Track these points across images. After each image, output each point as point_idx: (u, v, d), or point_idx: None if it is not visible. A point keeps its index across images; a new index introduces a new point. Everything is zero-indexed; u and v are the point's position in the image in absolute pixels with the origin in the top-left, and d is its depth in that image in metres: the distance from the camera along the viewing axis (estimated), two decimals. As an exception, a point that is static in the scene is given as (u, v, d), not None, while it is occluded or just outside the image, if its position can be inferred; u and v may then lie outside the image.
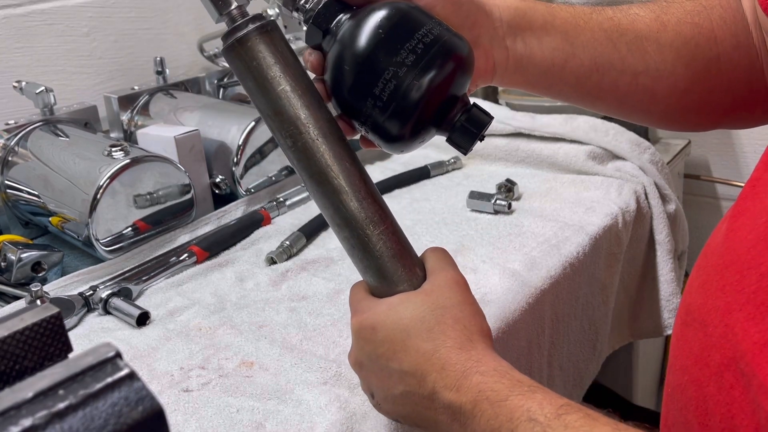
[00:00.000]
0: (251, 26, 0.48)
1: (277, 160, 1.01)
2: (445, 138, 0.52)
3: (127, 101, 1.07)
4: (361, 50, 0.48)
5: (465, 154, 0.52)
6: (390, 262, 0.51)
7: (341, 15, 0.51)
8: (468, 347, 0.48)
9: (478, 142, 0.51)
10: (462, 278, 0.52)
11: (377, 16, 0.49)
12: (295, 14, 0.53)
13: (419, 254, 0.55)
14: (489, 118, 0.50)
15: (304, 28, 0.52)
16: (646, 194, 0.99)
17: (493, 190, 0.96)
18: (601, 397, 1.25)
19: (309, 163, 0.49)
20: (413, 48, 0.48)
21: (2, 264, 0.80)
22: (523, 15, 0.57)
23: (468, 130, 0.50)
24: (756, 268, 0.46)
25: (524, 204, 0.95)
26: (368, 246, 0.50)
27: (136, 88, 1.09)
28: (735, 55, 0.60)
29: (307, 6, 0.52)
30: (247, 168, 0.98)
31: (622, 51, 0.59)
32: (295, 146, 0.49)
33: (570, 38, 0.58)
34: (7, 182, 0.93)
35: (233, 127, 0.97)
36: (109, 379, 0.21)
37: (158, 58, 1.11)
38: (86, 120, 1.01)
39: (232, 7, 0.49)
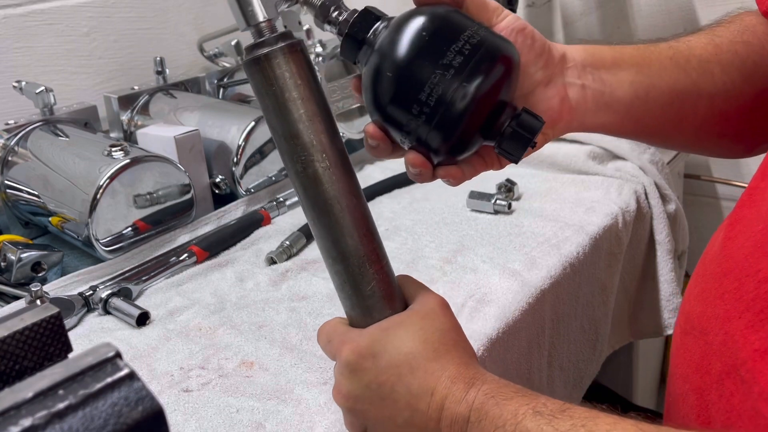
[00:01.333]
0: (281, 43, 0.46)
1: (277, 160, 1.01)
2: (494, 147, 0.48)
3: (127, 101, 1.07)
4: (404, 55, 0.45)
5: (516, 162, 0.48)
6: (380, 302, 0.49)
7: (378, 23, 0.48)
8: (470, 365, 0.48)
9: (530, 149, 0.48)
10: (446, 300, 0.52)
11: (418, 21, 0.46)
12: (328, 27, 0.50)
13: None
14: (540, 122, 0.47)
15: (332, 32, 0.50)
16: (646, 194, 0.99)
17: (493, 190, 0.96)
18: (601, 397, 1.25)
19: (316, 191, 0.48)
20: (460, 49, 0.45)
21: (2, 264, 0.80)
22: (592, 54, 0.55)
23: (520, 135, 0.46)
24: (754, 276, 0.47)
25: (524, 204, 0.95)
26: (361, 284, 0.49)
27: (136, 88, 1.09)
28: None
29: (340, 18, 0.49)
30: (247, 168, 0.98)
31: (692, 76, 0.58)
32: (305, 172, 0.48)
33: (643, 70, 0.57)
34: (7, 182, 0.93)
35: (233, 127, 0.97)
36: (109, 379, 0.21)
37: (158, 58, 1.11)
38: (86, 120, 1.01)
39: (262, 19, 0.47)
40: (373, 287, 0.49)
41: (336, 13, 0.49)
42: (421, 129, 0.46)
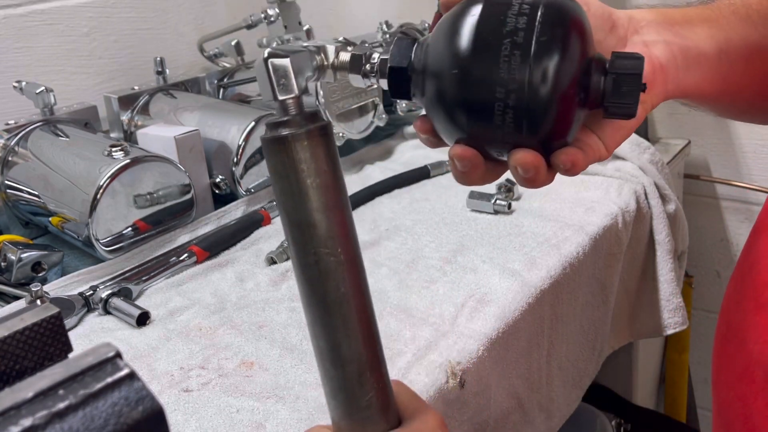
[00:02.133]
0: (309, 125, 0.42)
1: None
2: (602, 115, 0.42)
3: (127, 101, 1.07)
4: (460, 62, 0.40)
5: (633, 116, 0.41)
6: (376, 415, 0.45)
7: (414, 47, 0.44)
8: None
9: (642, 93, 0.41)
10: (443, 418, 0.48)
11: (456, 21, 0.41)
12: (370, 80, 0.46)
13: None
14: (638, 57, 0.40)
15: (381, 86, 0.45)
16: (646, 194, 0.99)
17: (493, 190, 0.96)
18: (601, 397, 1.25)
19: (325, 288, 0.43)
20: (515, 28, 0.39)
21: (2, 264, 0.80)
22: (662, 13, 0.50)
23: (624, 81, 0.40)
24: None
25: (524, 204, 0.95)
26: (359, 393, 0.44)
27: (136, 88, 1.09)
28: None
29: (376, 61, 0.45)
30: (247, 168, 0.98)
31: (760, 30, 0.54)
32: (317, 266, 0.43)
33: (714, 25, 0.52)
34: (7, 182, 0.93)
35: (233, 127, 0.97)
36: (109, 379, 0.21)
37: (158, 58, 1.11)
38: (86, 120, 1.01)
39: (292, 95, 0.42)
40: (371, 398, 0.44)
41: (370, 60, 0.45)
42: (513, 133, 0.40)
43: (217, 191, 0.98)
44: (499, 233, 0.87)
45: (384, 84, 0.45)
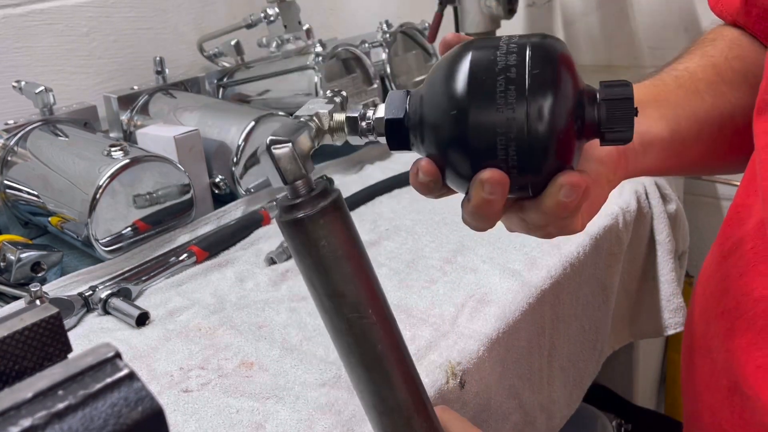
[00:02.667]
0: (321, 202, 0.43)
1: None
2: (599, 143, 0.43)
3: (127, 101, 1.07)
4: (455, 111, 0.41)
5: (630, 139, 0.42)
6: None
7: (408, 96, 0.45)
8: None
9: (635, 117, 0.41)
10: None
11: (446, 70, 0.42)
12: (368, 138, 0.46)
13: None
14: (626, 85, 0.41)
15: (381, 142, 0.46)
16: (646, 194, 0.99)
17: (493, 190, 0.95)
18: (601, 397, 1.25)
19: (364, 348, 0.45)
20: (506, 68, 0.40)
21: (2, 264, 0.80)
22: None
23: (617, 106, 0.40)
24: (750, 294, 0.47)
25: (524, 204, 0.95)
26: None
27: (135, 88, 1.09)
28: None
29: (371, 119, 0.45)
30: (246, 168, 0.98)
31: (707, 100, 0.57)
32: (352, 330, 0.45)
33: (663, 104, 0.55)
34: (6, 182, 0.93)
35: (233, 127, 0.97)
36: (109, 380, 0.21)
37: (158, 58, 1.11)
38: (86, 120, 1.01)
39: (299, 177, 0.43)
40: None
41: (366, 118, 0.45)
42: (519, 177, 0.41)
43: (216, 191, 0.98)
44: (499, 233, 0.87)
45: (383, 140, 0.46)
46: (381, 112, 0.45)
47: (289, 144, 0.42)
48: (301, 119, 0.45)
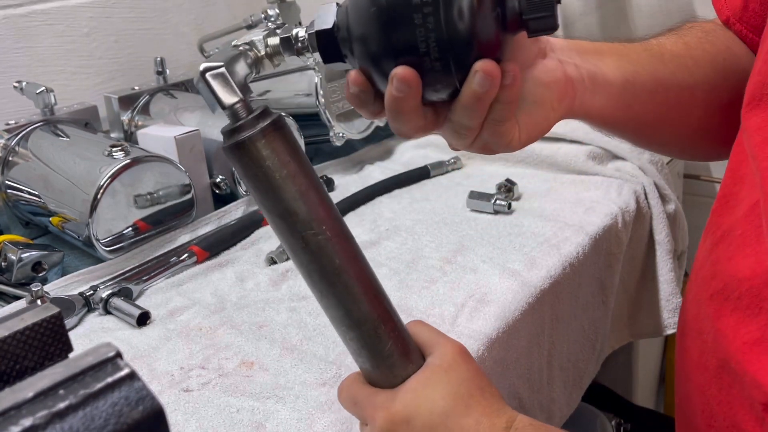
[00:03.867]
0: (261, 123, 0.43)
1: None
2: (526, 33, 0.43)
3: (128, 101, 1.07)
4: (378, 12, 0.42)
5: (555, 27, 0.42)
6: (399, 359, 0.48)
7: (336, 9, 0.46)
8: (501, 411, 0.48)
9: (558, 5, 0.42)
10: (463, 346, 0.51)
11: None
12: (305, 56, 0.48)
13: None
14: None
15: (314, 58, 0.48)
16: (645, 194, 0.99)
17: (493, 190, 0.96)
18: (601, 397, 1.25)
19: (322, 264, 0.46)
20: None
21: (3, 264, 0.80)
22: (576, 42, 0.55)
23: None
24: (735, 275, 0.49)
25: (524, 204, 0.95)
26: (378, 345, 0.48)
27: (136, 88, 1.09)
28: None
29: (304, 36, 0.47)
30: (247, 168, 0.98)
31: (669, 67, 0.58)
32: (308, 248, 0.45)
33: (624, 58, 0.56)
34: (7, 182, 0.93)
35: (233, 127, 0.97)
36: (110, 379, 0.21)
37: (158, 58, 1.11)
38: (86, 120, 1.01)
39: (236, 100, 0.43)
40: (390, 347, 0.48)
41: (299, 38, 0.47)
42: (443, 73, 0.42)
43: (217, 191, 0.98)
44: (499, 233, 0.87)
45: (318, 57, 0.47)
46: (312, 27, 0.46)
47: (222, 67, 0.43)
48: (239, 48, 0.46)
